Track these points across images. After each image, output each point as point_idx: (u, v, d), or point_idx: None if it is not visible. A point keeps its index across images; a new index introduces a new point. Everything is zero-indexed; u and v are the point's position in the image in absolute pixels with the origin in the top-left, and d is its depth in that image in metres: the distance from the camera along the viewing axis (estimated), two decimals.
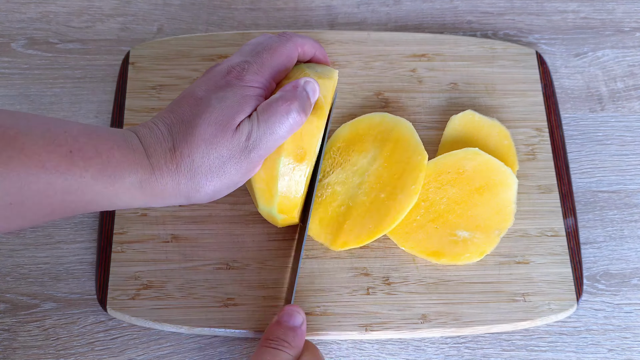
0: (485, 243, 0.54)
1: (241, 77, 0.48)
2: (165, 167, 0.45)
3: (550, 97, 0.62)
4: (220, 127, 0.46)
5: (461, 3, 0.69)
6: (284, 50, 0.49)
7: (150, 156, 0.45)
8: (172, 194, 0.46)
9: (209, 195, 0.47)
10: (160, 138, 0.46)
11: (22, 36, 0.65)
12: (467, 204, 0.55)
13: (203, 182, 0.46)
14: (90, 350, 0.53)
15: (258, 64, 0.48)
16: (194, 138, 0.45)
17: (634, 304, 0.56)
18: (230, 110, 0.46)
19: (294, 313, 0.48)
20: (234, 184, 0.48)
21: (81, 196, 0.43)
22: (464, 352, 0.54)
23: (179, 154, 0.45)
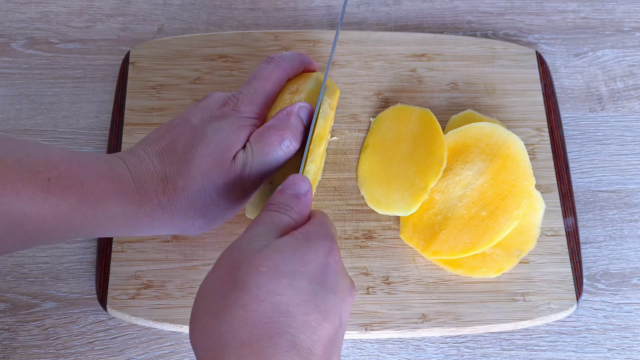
0: (505, 261, 0.53)
1: (236, 108, 0.47)
2: (155, 198, 0.44)
3: (550, 97, 0.62)
4: (217, 159, 0.45)
5: (461, 3, 0.69)
6: (274, 77, 0.50)
7: (139, 188, 0.43)
8: (160, 226, 0.45)
9: (202, 227, 0.46)
10: (151, 168, 0.44)
11: (22, 36, 0.65)
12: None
13: (199, 215, 0.45)
14: (90, 350, 0.53)
15: (251, 94, 0.48)
16: (190, 171, 0.44)
17: (633, 304, 0.56)
18: (226, 142, 0.45)
19: (298, 181, 0.43)
20: (225, 217, 0.47)
21: (58, 225, 0.42)
22: (463, 352, 0.54)
23: (172, 186, 0.44)
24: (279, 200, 0.42)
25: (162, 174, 0.44)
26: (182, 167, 0.44)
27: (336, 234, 0.43)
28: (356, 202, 0.57)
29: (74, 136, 0.61)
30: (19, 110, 0.62)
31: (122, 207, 0.43)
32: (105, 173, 0.43)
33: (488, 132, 0.55)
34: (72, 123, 0.61)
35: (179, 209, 0.44)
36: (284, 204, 0.42)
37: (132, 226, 0.44)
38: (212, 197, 0.45)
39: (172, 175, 0.44)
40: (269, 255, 0.38)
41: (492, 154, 0.55)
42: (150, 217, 0.44)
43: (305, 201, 0.43)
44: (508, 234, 0.53)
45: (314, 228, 0.41)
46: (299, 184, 0.43)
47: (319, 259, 0.39)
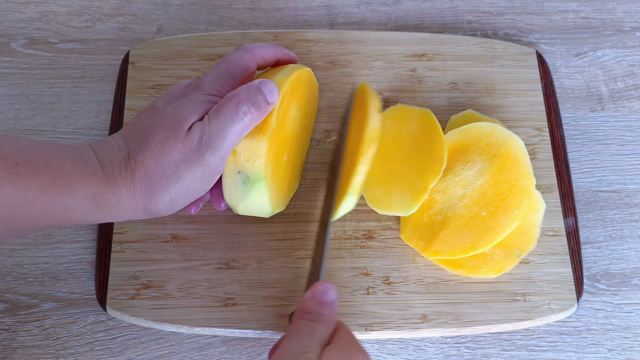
0: (505, 261, 0.53)
1: (198, 86, 0.48)
2: (119, 176, 0.45)
3: (550, 96, 0.62)
4: (172, 130, 0.45)
5: (461, 3, 0.69)
6: (240, 60, 0.50)
7: (104, 167, 0.45)
8: (129, 207, 0.45)
9: (166, 204, 0.46)
10: (116, 149, 0.46)
11: (22, 36, 0.65)
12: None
13: (158, 190, 0.45)
14: (90, 350, 0.53)
15: (215, 75, 0.49)
16: (147, 144, 0.45)
17: (634, 304, 0.56)
18: (183, 114, 0.46)
19: (329, 289, 0.47)
20: (192, 192, 0.47)
21: (29, 210, 0.42)
22: (464, 352, 0.54)
23: (133, 161, 0.45)
24: (312, 308, 0.46)
25: (125, 152, 0.46)
26: (142, 142, 0.45)
27: None
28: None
29: (73, 136, 0.61)
30: (19, 110, 0.62)
31: (89, 188, 0.44)
32: (73, 157, 0.44)
33: (488, 132, 0.55)
34: (72, 123, 0.61)
35: (140, 183, 0.45)
36: (317, 312, 0.45)
37: (101, 208, 0.45)
38: (170, 169, 0.45)
39: (133, 151, 0.45)
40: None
41: (492, 154, 0.55)
42: (117, 196, 0.45)
43: (334, 309, 0.46)
44: (508, 234, 0.53)
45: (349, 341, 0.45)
46: (329, 292, 0.47)
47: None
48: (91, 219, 0.46)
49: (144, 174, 0.45)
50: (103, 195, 0.44)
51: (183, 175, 0.46)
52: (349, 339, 0.45)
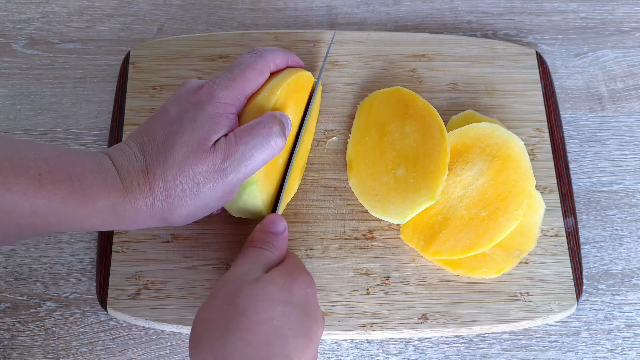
0: (505, 261, 0.54)
1: (211, 92, 0.47)
2: (138, 189, 0.45)
3: (550, 97, 0.62)
4: (193, 148, 0.45)
5: (461, 3, 0.69)
6: (255, 65, 0.50)
7: (123, 179, 0.45)
8: (147, 217, 0.46)
9: (183, 217, 0.46)
10: (133, 159, 0.45)
11: (23, 36, 0.65)
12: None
13: (176, 205, 0.45)
14: (90, 350, 0.53)
15: (228, 79, 0.48)
16: (167, 160, 0.45)
17: (634, 304, 0.56)
18: (202, 131, 0.45)
19: (277, 220, 0.48)
20: (209, 208, 0.47)
21: (50, 219, 0.43)
22: (463, 352, 0.54)
23: (151, 175, 0.45)
24: (261, 237, 0.47)
25: (143, 164, 0.45)
26: (160, 157, 0.45)
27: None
28: (356, 202, 0.57)
29: (74, 136, 0.61)
30: (19, 110, 0.62)
31: (109, 199, 0.44)
32: (93, 168, 0.44)
33: (488, 132, 0.55)
34: (72, 123, 0.61)
35: (159, 198, 0.45)
36: (265, 241, 0.47)
37: (120, 219, 0.45)
38: (191, 187, 0.45)
39: (152, 164, 0.45)
40: (264, 286, 0.43)
41: (492, 154, 0.55)
42: (134, 207, 0.45)
43: (283, 239, 0.48)
44: (508, 235, 0.53)
45: (294, 264, 0.47)
46: (277, 223, 0.48)
47: (302, 291, 0.45)
48: (109, 227, 0.46)
49: (163, 189, 0.45)
50: (122, 207, 0.44)
51: (202, 193, 0.46)
52: (294, 262, 0.47)
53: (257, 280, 0.43)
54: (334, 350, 0.54)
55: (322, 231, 0.56)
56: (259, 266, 0.45)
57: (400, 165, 0.55)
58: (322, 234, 0.55)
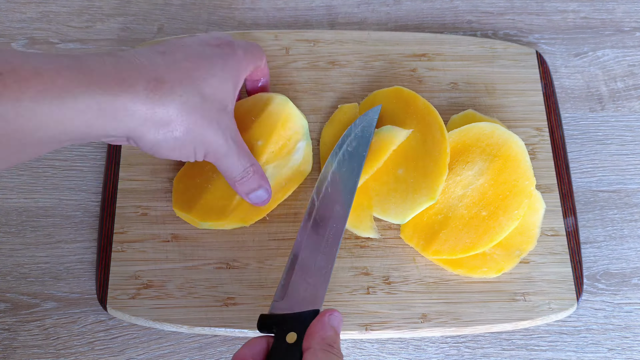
0: (505, 261, 0.54)
1: (234, 50, 0.51)
2: (143, 93, 0.43)
3: (550, 96, 0.62)
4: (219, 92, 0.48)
5: (461, 3, 0.69)
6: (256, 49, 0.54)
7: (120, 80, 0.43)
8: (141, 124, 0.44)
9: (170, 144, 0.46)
10: (139, 66, 0.44)
11: (23, 36, 0.65)
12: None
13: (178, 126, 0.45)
14: (90, 350, 0.53)
15: (243, 46, 0.52)
16: (191, 86, 0.46)
17: (634, 304, 0.56)
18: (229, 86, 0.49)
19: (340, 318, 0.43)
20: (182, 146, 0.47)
21: (23, 122, 0.39)
22: (464, 352, 0.54)
23: (168, 89, 0.45)
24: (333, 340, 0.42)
25: (155, 74, 0.45)
26: (185, 79, 0.46)
27: None
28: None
29: None
30: None
31: (94, 97, 0.41)
32: (70, 64, 0.42)
33: (488, 132, 0.55)
34: None
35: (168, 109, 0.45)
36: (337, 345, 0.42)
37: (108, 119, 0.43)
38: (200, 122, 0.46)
39: (170, 79, 0.45)
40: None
41: (492, 154, 0.55)
42: (129, 110, 0.43)
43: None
44: (508, 234, 0.53)
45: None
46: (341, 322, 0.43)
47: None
48: (95, 131, 0.43)
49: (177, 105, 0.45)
50: (112, 105, 0.42)
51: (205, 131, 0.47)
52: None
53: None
54: None
55: None
56: None
57: (401, 165, 0.55)
58: None
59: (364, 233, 0.54)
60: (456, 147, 0.56)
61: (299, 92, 0.61)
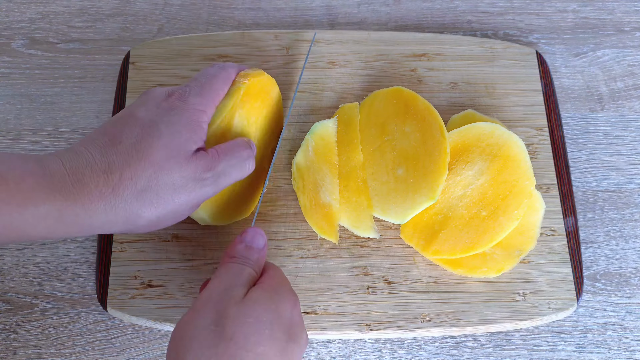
0: (505, 261, 0.54)
1: (184, 99, 0.47)
2: (96, 191, 0.42)
3: (550, 96, 0.62)
4: (173, 152, 0.44)
5: (461, 3, 0.69)
6: (220, 75, 0.49)
7: (75, 181, 0.42)
8: (105, 221, 0.43)
9: (153, 222, 0.45)
10: (91, 161, 0.43)
11: (23, 36, 0.65)
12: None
13: (146, 207, 0.44)
14: (90, 350, 0.53)
15: (198, 87, 0.48)
16: (140, 161, 0.43)
17: (634, 304, 0.56)
18: (182, 137, 0.45)
19: (257, 234, 0.47)
20: (179, 215, 0.46)
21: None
22: (464, 352, 0.54)
23: (117, 176, 0.42)
24: (240, 253, 0.46)
25: (105, 166, 0.43)
26: (131, 158, 0.43)
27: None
28: None
29: (74, 136, 0.61)
30: (19, 110, 0.62)
31: (54, 204, 0.41)
32: (34, 170, 0.41)
33: (488, 132, 0.55)
34: (73, 123, 0.61)
35: (125, 199, 0.43)
36: (245, 256, 0.45)
37: (69, 225, 0.42)
38: (166, 190, 0.44)
39: (117, 166, 0.43)
40: (252, 307, 0.42)
41: (492, 154, 0.55)
42: (89, 212, 0.42)
43: (262, 254, 0.47)
44: (508, 234, 0.53)
45: (279, 281, 0.45)
46: (257, 237, 0.47)
47: (288, 311, 0.43)
48: (58, 235, 0.43)
49: (132, 191, 0.43)
50: (72, 211, 0.42)
51: (178, 199, 0.45)
52: (277, 279, 0.46)
53: (244, 301, 0.42)
54: (334, 350, 0.54)
55: None
56: (241, 282, 0.44)
57: (401, 165, 0.55)
58: None
59: (364, 233, 0.54)
60: (456, 147, 0.56)
61: (299, 92, 0.61)
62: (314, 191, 0.55)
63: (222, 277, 0.44)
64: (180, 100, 0.47)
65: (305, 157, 0.56)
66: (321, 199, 0.55)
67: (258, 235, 0.47)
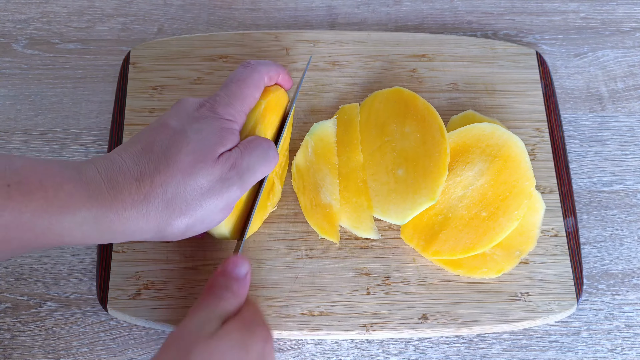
0: (505, 261, 0.54)
1: (214, 109, 0.47)
2: (129, 198, 0.42)
3: (550, 97, 0.62)
4: (200, 156, 0.44)
5: (461, 3, 0.69)
6: (250, 80, 0.49)
7: (110, 188, 0.42)
8: (137, 229, 0.43)
9: (181, 230, 0.45)
10: (124, 168, 0.43)
11: (23, 36, 0.65)
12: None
13: (176, 215, 0.44)
14: (90, 350, 0.53)
15: (228, 96, 0.48)
16: (169, 168, 0.43)
17: (634, 304, 0.56)
18: (209, 142, 0.45)
19: (240, 263, 0.46)
20: (209, 221, 0.46)
21: (23, 233, 0.40)
22: (464, 352, 0.54)
23: (148, 184, 0.43)
24: (221, 282, 0.46)
25: (137, 173, 0.43)
26: (160, 165, 0.44)
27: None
28: None
29: (74, 136, 0.61)
30: (20, 110, 0.62)
31: (91, 210, 0.41)
32: (72, 176, 0.42)
33: (488, 132, 0.55)
34: (73, 123, 0.61)
35: (156, 207, 0.43)
36: (224, 287, 0.45)
37: (104, 232, 0.43)
38: (195, 195, 0.44)
39: (149, 173, 0.43)
40: (218, 344, 0.41)
41: (492, 154, 0.55)
42: (123, 219, 0.43)
43: (244, 284, 0.46)
44: (508, 235, 0.53)
45: (252, 316, 0.45)
46: (240, 265, 0.47)
47: (258, 346, 0.44)
48: (92, 241, 0.43)
49: (162, 198, 0.43)
50: (107, 218, 0.42)
51: (206, 203, 0.45)
52: (252, 312, 0.45)
53: (212, 337, 0.42)
54: (334, 350, 0.54)
55: None
56: (215, 316, 0.43)
57: (401, 166, 0.55)
58: None
59: (364, 234, 0.54)
60: (456, 147, 0.56)
61: (299, 92, 0.61)
62: (314, 192, 0.55)
63: (196, 312, 0.44)
64: (210, 110, 0.47)
65: (305, 158, 0.56)
66: (321, 199, 0.55)
67: (240, 264, 0.46)
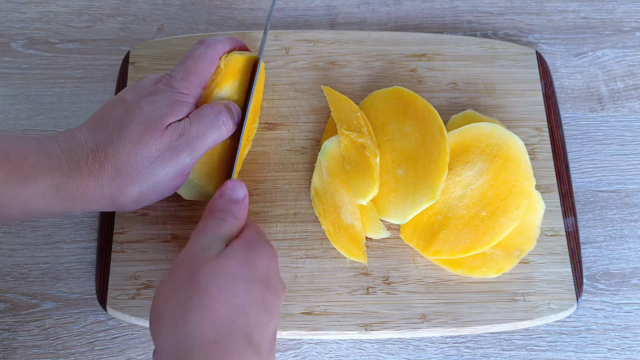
0: (504, 261, 0.54)
1: (170, 83, 0.50)
2: (86, 168, 0.45)
3: (550, 97, 0.62)
4: (149, 126, 0.47)
5: (461, 3, 0.69)
6: (205, 56, 0.52)
7: (69, 159, 0.45)
8: (94, 197, 0.46)
9: (134, 197, 0.47)
10: (82, 141, 0.46)
11: (22, 36, 0.65)
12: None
13: (128, 183, 0.46)
14: (90, 350, 0.53)
15: (183, 71, 0.51)
16: (120, 138, 0.46)
17: (633, 304, 0.56)
18: (160, 112, 0.47)
19: (237, 186, 0.47)
20: (161, 189, 0.48)
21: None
22: (463, 352, 0.54)
23: (102, 154, 0.46)
24: (220, 206, 0.46)
25: (93, 144, 0.46)
26: (114, 135, 0.46)
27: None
28: None
29: None
30: (19, 110, 0.62)
31: (52, 179, 0.44)
32: (34, 148, 0.45)
33: (488, 132, 0.55)
34: (73, 123, 0.61)
35: (109, 175, 0.46)
36: (224, 210, 0.46)
37: (65, 199, 0.45)
38: (145, 164, 0.46)
39: (103, 144, 0.46)
40: (225, 262, 0.42)
41: (492, 154, 0.55)
42: (81, 188, 0.45)
43: (243, 206, 0.47)
44: (508, 234, 0.53)
45: (255, 236, 0.46)
46: (237, 188, 0.47)
47: (264, 263, 0.44)
48: (53, 210, 0.46)
49: (115, 167, 0.46)
50: (67, 186, 0.45)
51: (156, 171, 0.47)
52: (254, 233, 0.46)
53: (219, 256, 0.42)
54: (334, 350, 0.54)
55: (322, 231, 0.55)
56: (218, 239, 0.44)
57: (400, 166, 0.55)
58: (322, 234, 0.55)
59: (376, 235, 0.54)
60: (456, 147, 0.56)
61: (299, 92, 0.61)
62: (335, 214, 0.55)
63: (199, 235, 0.45)
64: (166, 85, 0.50)
65: (320, 180, 0.56)
66: (343, 220, 0.54)
67: (237, 187, 0.47)
